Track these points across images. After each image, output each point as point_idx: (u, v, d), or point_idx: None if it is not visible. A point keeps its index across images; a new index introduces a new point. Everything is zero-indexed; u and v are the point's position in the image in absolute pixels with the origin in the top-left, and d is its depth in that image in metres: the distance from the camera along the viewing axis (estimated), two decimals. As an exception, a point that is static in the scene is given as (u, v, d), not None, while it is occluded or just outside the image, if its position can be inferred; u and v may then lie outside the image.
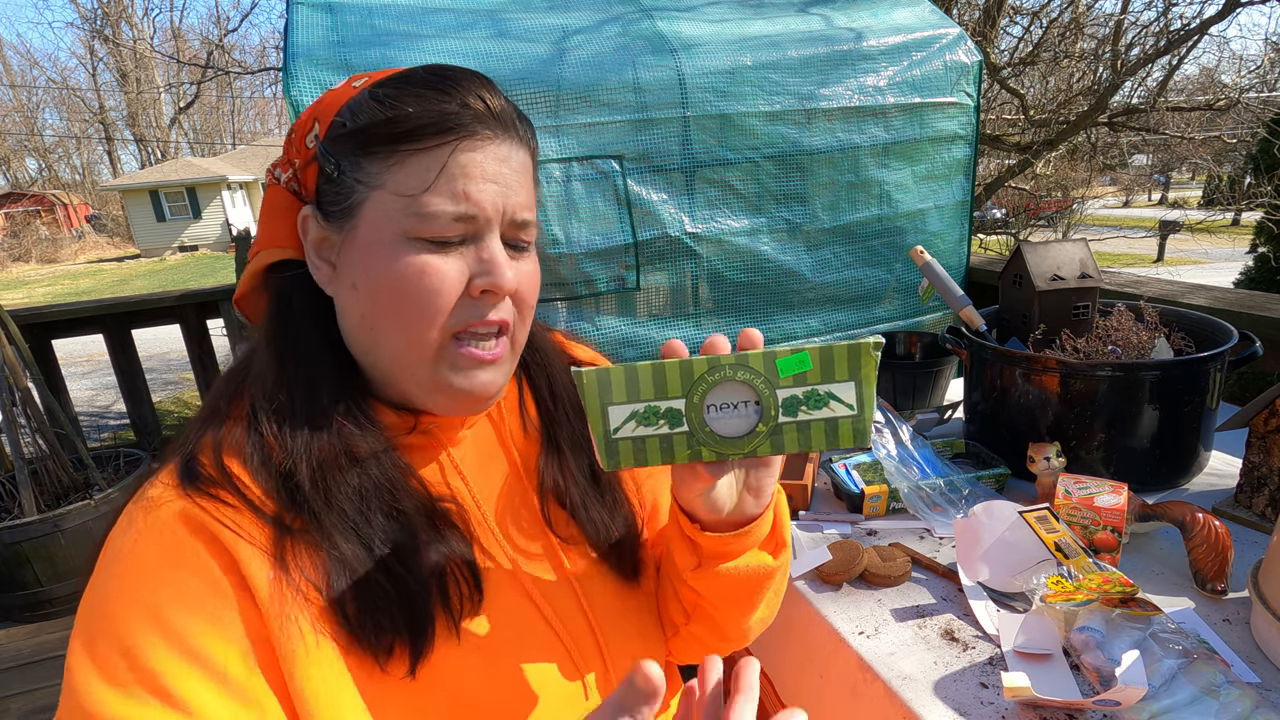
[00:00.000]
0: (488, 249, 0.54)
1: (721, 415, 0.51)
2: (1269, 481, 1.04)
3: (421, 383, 0.56)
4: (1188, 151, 12.30)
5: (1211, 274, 10.33)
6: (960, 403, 1.47)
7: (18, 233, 23.62)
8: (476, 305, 0.54)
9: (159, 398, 5.68)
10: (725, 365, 0.50)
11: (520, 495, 0.65)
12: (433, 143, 0.52)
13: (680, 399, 0.50)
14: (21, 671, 2.32)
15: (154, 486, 0.51)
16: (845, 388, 0.50)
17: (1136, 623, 0.79)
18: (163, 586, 0.47)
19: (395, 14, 1.92)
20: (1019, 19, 4.92)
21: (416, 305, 0.53)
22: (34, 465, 2.66)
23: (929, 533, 1.11)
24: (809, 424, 0.51)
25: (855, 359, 0.49)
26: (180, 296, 3.37)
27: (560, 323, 2.04)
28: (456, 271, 0.53)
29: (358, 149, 0.53)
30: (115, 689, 0.44)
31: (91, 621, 0.47)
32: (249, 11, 56.83)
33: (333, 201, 0.55)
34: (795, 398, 0.50)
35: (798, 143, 2.15)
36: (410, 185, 0.52)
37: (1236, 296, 1.88)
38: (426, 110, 0.52)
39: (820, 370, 0.50)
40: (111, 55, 31.64)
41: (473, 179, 0.53)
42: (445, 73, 0.54)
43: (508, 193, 0.55)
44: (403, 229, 0.52)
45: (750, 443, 0.51)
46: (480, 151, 0.53)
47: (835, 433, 0.51)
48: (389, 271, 0.53)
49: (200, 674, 0.46)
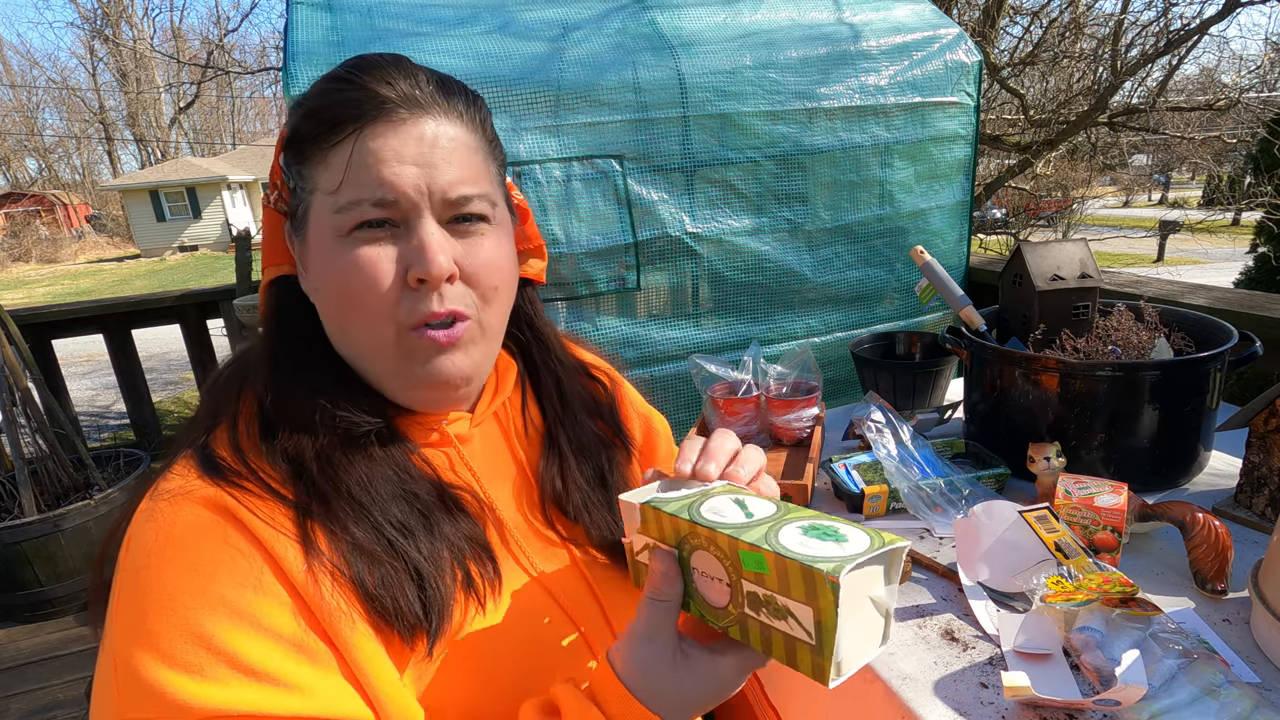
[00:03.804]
0: (417, 235, 0.53)
1: (704, 580, 0.48)
2: (1269, 481, 1.04)
3: (392, 378, 0.57)
4: (1188, 151, 12.30)
5: (1211, 274, 10.33)
6: (960, 403, 1.46)
7: (18, 233, 23.63)
8: (418, 295, 0.53)
9: (159, 398, 5.67)
10: (701, 534, 0.47)
11: (527, 494, 0.65)
12: (341, 135, 0.52)
13: (674, 549, 0.49)
14: (21, 671, 2.32)
15: (170, 480, 0.51)
16: (803, 610, 0.42)
17: (1136, 623, 0.79)
18: (214, 567, 0.46)
19: (394, 12, 1.92)
20: (1019, 19, 4.92)
21: (361, 301, 0.53)
22: (34, 465, 2.66)
23: (929, 533, 1.11)
24: (770, 630, 0.44)
25: (810, 585, 0.40)
26: (180, 296, 3.37)
27: (560, 323, 2.04)
28: (387, 261, 0.52)
29: (298, 159, 0.55)
30: (199, 678, 0.43)
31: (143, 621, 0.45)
32: (249, 11, 56.91)
33: (293, 213, 0.57)
34: (757, 596, 0.44)
35: (798, 142, 2.15)
36: (331, 182, 0.52)
37: (1236, 296, 1.88)
38: (332, 104, 0.52)
39: (776, 579, 0.43)
40: (111, 55, 31.64)
41: (385, 162, 0.52)
42: (356, 63, 0.54)
43: (432, 172, 0.53)
44: (333, 227, 0.53)
45: (725, 618, 0.47)
46: (393, 135, 0.52)
47: (795, 655, 0.43)
48: (331, 271, 0.53)
49: (274, 644, 0.46)
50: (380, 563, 0.51)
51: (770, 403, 1.44)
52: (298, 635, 0.47)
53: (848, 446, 1.43)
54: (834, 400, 2.00)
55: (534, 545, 0.62)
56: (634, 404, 0.79)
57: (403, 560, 0.51)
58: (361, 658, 0.48)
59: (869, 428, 1.26)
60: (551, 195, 1.92)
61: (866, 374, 1.61)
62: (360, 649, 0.48)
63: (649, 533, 0.51)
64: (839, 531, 0.45)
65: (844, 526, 0.45)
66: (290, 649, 0.46)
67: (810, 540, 0.43)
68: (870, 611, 0.44)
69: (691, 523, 0.47)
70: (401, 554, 0.52)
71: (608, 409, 0.74)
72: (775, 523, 0.46)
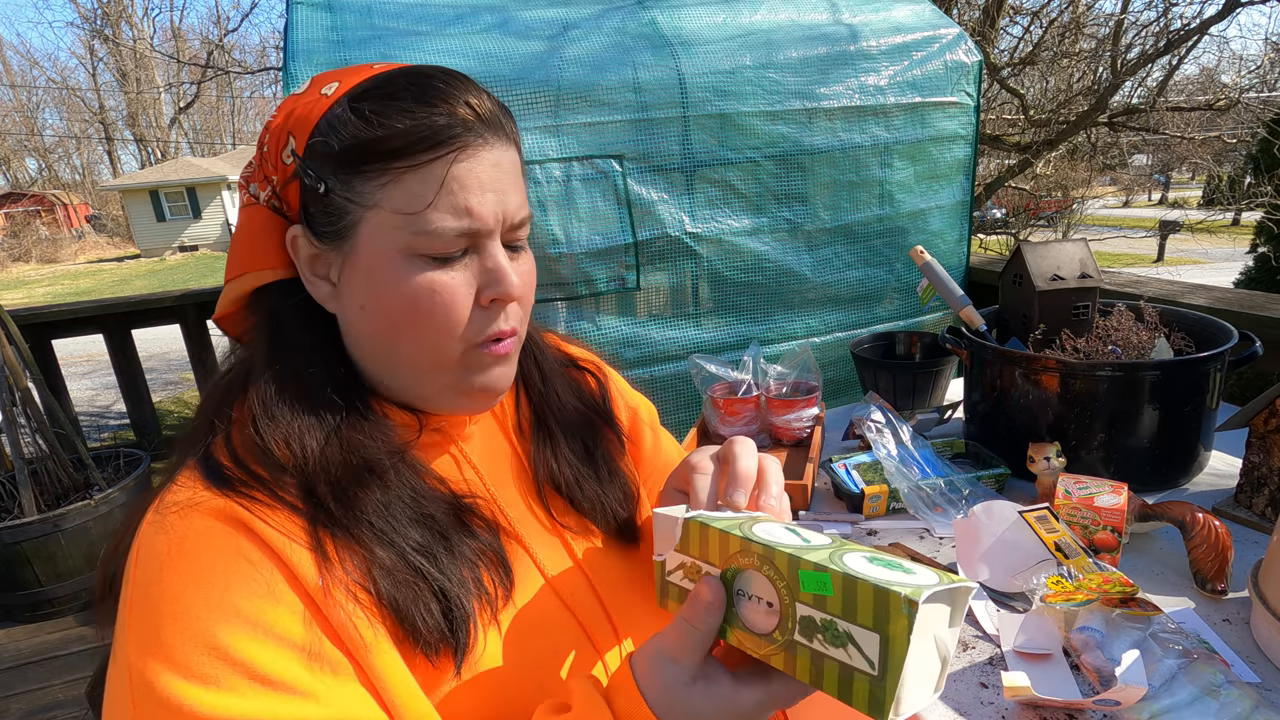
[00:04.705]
0: (492, 258, 0.54)
1: (749, 604, 0.45)
2: (1269, 481, 1.04)
3: (441, 389, 0.57)
4: (1188, 151, 12.29)
5: (1211, 274, 10.32)
6: (960, 403, 1.46)
7: (18, 233, 23.63)
8: (487, 314, 0.55)
9: (159, 398, 5.67)
10: (755, 553, 0.44)
11: (524, 482, 0.66)
12: (427, 158, 0.50)
13: (717, 569, 0.46)
14: (21, 671, 2.32)
15: (176, 492, 0.50)
16: (868, 637, 0.39)
17: (1136, 623, 0.79)
18: (227, 578, 0.46)
19: (394, 12, 1.92)
20: (1019, 19, 4.92)
21: (431, 323, 0.53)
22: (34, 465, 2.65)
23: (929, 533, 1.11)
24: (823, 658, 0.41)
25: (882, 608, 0.38)
26: (180, 296, 3.37)
27: (560, 323, 2.04)
28: (464, 285, 0.53)
29: (347, 168, 0.51)
30: (216, 689, 0.43)
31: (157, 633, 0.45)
32: (249, 11, 56.89)
33: (324, 221, 0.53)
34: (813, 622, 0.41)
35: (798, 142, 2.15)
36: (410, 204, 0.51)
37: (1236, 296, 1.88)
38: (417, 126, 0.50)
39: (841, 602, 0.40)
40: (111, 55, 31.64)
41: (471, 191, 0.52)
42: (428, 81, 0.52)
43: (505, 198, 0.54)
44: (405, 246, 0.52)
45: (767, 646, 0.44)
46: (475, 160, 0.52)
47: (849, 686, 0.40)
48: (398, 293, 0.52)
49: (289, 653, 0.46)
50: (406, 585, 0.51)
51: (770, 403, 1.44)
52: (312, 644, 0.47)
53: (848, 446, 1.43)
54: (834, 400, 2.00)
55: (533, 531, 0.63)
56: (623, 394, 0.80)
57: (429, 582, 0.51)
58: (379, 665, 0.48)
59: (869, 428, 1.26)
60: (551, 195, 1.92)
61: (866, 374, 1.61)
62: (378, 657, 0.48)
63: (689, 551, 0.48)
64: (903, 565, 0.42)
65: (906, 561, 0.43)
66: (305, 657, 0.46)
67: (876, 568, 0.41)
68: (932, 652, 0.41)
69: (745, 539, 0.45)
70: (427, 576, 0.52)
71: (599, 398, 0.75)
72: (835, 549, 0.44)
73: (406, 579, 0.51)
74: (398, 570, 0.51)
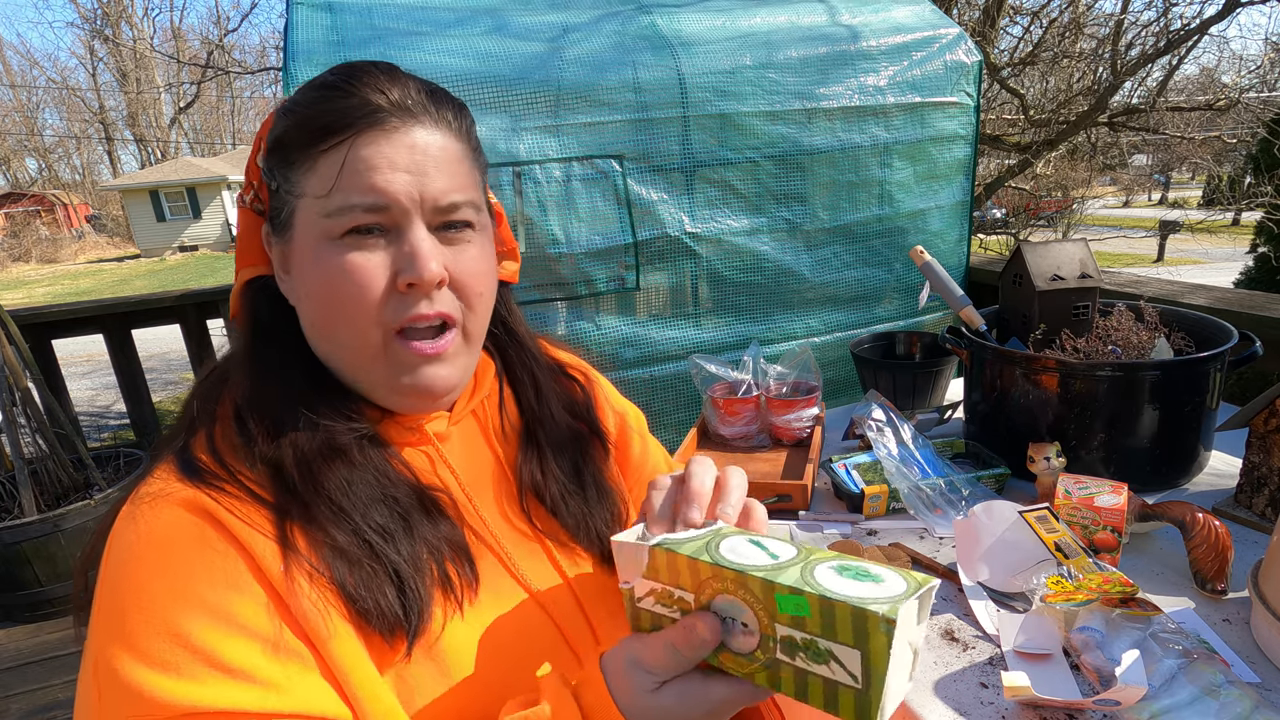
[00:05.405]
0: (409, 241, 0.54)
1: (727, 626, 0.45)
2: (1269, 481, 1.04)
3: (376, 383, 0.58)
4: (1188, 151, 12.30)
5: (1211, 274, 10.33)
6: (960, 403, 1.46)
7: (18, 233, 23.63)
8: (406, 299, 0.54)
9: (159, 398, 5.67)
10: (728, 577, 0.44)
11: (505, 489, 0.66)
12: (334, 140, 0.53)
13: (690, 593, 0.46)
14: (21, 671, 2.32)
15: (150, 484, 0.51)
16: (849, 654, 0.40)
17: (1136, 623, 0.78)
18: (191, 567, 0.47)
19: (394, 13, 1.92)
20: (1019, 19, 4.92)
21: (347, 304, 0.54)
22: (34, 465, 2.66)
23: (929, 533, 1.11)
24: (806, 674, 0.43)
25: (861, 627, 0.39)
26: (180, 296, 3.37)
27: (560, 323, 2.04)
28: (380, 267, 0.54)
29: (283, 163, 0.55)
30: (176, 676, 0.44)
31: (122, 622, 0.46)
32: (249, 11, 56.93)
33: (276, 215, 0.57)
34: (794, 641, 0.42)
35: (798, 142, 2.15)
36: (321, 187, 0.53)
37: (1236, 296, 1.88)
38: (325, 110, 0.53)
39: (820, 623, 0.41)
40: (111, 55, 31.63)
41: (379, 169, 0.53)
42: (347, 70, 0.55)
43: (424, 180, 0.54)
44: (323, 231, 0.53)
45: (749, 665, 0.45)
46: (385, 143, 0.53)
47: (835, 699, 0.42)
48: (319, 275, 0.54)
49: (251, 642, 0.46)
50: (360, 565, 0.51)
51: (770, 403, 1.44)
52: (274, 634, 0.47)
53: (848, 446, 1.43)
54: (834, 400, 2.00)
55: (512, 539, 0.63)
56: (610, 401, 0.80)
57: (383, 562, 0.52)
58: (340, 656, 0.48)
59: (869, 427, 1.26)
60: (551, 195, 1.92)
61: (866, 374, 1.61)
62: (339, 648, 0.49)
63: (658, 577, 0.48)
64: (870, 572, 0.44)
65: (873, 567, 0.44)
66: (267, 647, 0.47)
67: (847, 581, 0.42)
68: (906, 651, 0.43)
69: (715, 565, 0.44)
70: (382, 556, 0.52)
71: (584, 408, 0.75)
72: (804, 564, 0.44)
73: (361, 559, 0.52)
74: (353, 549, 0.52)
